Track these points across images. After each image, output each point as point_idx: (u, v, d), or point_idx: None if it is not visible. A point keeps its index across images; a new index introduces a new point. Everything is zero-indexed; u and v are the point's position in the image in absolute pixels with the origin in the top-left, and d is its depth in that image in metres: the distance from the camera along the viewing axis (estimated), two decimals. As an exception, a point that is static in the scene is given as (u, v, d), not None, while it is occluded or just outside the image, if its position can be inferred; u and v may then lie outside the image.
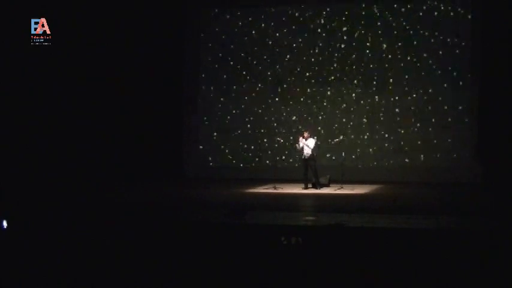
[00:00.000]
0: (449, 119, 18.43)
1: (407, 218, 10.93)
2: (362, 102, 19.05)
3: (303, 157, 16.41)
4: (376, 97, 18.95)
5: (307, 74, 19.39)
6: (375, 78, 18.93)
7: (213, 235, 9.27)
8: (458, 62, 18.35)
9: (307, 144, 16.16)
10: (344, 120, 19.11)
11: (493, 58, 17.43)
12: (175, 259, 8.01)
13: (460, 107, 18.39)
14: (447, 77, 18.45)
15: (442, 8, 18.48)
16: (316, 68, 19.33)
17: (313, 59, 19.34)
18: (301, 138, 16.32)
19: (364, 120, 19.01)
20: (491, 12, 17.52)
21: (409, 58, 18.66)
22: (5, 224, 9.36)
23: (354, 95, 19.10)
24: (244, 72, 19.82)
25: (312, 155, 16.20)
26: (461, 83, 18.33)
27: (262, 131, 19.67)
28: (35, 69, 17.19)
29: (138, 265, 7.76)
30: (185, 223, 10.65)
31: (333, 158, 18.74)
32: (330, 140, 18.89)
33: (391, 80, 18.84)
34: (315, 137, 16.57)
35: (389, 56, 18.80)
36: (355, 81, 19.08)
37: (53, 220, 10.65)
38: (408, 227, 10.02)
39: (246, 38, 19.75)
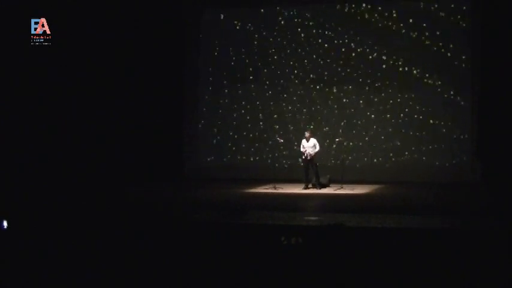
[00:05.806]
0: (449, 119, 18.41)
1: (407, 218, 10.93)
2: (362, 102, 19.04)
3: (304, 157, 16.44)
4: (376, 97, 18.94)
5: (307, 74, 19.38)
6: (375, 78, 18.91)
7: (213, 235, 9.27)
8: (458, 61, 18.34)
9: (310, 145, 16.24)
10: (344, 120, 19.10)
11: (493, 58, 17.40)
12: (175, 259, 8.01)
13: (460, 107, 18.37)
14: (447, 77, 18.44)
15: (443, 8, 18.45)
16: (316, 68, 19.32)
17: (313, 60, 19.32)
18: (304, 140, 16.39)
19: (364, 120, 18.99)
20: (491, 12, 17.50)
21: (409, 58, 18.64)
22: (5, 224, 9.36)
23: (354, 95, 19.08)
24: (244, 73, 19.82)
25: (314, 155, 16.25)
26: (461, 83, 18.32)
27: (262, 131, 19.67)
28: (35, 69, 17.18)
29: (138, 265, 7.76)
30: (185, 223, 10.65)
31: (333, 158, 18.75)
32: (328, 140, 18.89)
33: (391, 80, 18.82)
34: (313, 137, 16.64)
35: (390, 56, 18.78)
36: (356, 82, 19.06)
37: (53, 220, 10.66)
38: (408, 227, 10.02)
39: (246, 39, 19.73)
